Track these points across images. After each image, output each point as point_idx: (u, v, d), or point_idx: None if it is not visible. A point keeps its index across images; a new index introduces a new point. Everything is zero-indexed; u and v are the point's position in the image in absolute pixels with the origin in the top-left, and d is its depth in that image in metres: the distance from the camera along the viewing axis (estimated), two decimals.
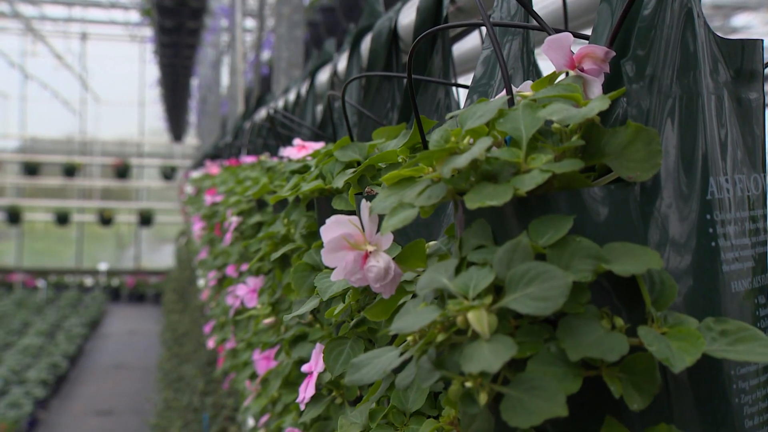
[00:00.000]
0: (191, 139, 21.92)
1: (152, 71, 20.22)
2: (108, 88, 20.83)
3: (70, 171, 19.93)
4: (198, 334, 5.29)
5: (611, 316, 0.58)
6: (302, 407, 1.14)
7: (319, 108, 2.39)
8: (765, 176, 0.70)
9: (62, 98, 19.74)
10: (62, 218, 19.76)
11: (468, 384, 0.57)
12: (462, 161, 0.60)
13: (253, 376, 1.95)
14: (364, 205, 0.70)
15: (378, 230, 0.71)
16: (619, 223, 0.60)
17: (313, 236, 1.25)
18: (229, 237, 2.01)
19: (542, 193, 0.60)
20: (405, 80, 1.53)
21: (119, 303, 18.13)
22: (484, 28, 1.20)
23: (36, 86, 19.39)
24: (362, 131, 1.66)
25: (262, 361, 1.85)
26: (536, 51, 0.95)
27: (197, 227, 4.09)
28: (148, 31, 18.65)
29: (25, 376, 9.49)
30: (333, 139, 1.49)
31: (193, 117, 20.15)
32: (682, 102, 0.63)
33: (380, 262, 0.69)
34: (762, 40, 0.71)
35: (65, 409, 9.54)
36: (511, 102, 0.66)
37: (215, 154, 6.76)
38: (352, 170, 1.12)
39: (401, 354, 0.62)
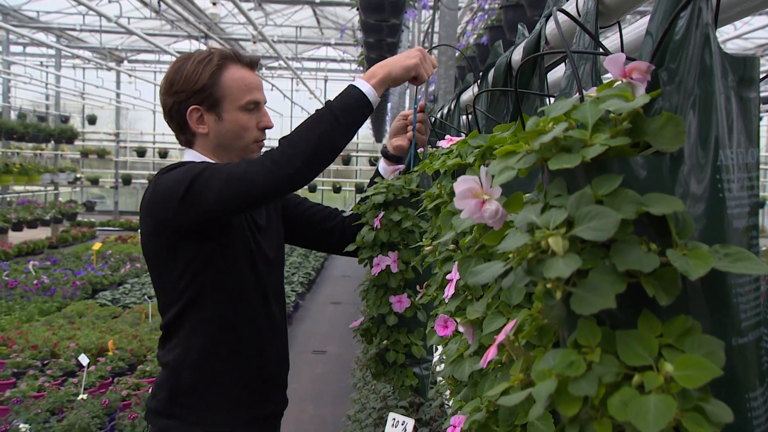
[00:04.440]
0: (385, 140, 22.12)
1: None
2: None
3: None
4: None
5: (648, 242, 0.52)
6: (446, 300, 1.11)
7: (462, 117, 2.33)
8: (758, 150, 0.63)
9: None
10: (311, 188, 20.28)
11: (548, 285, 0.53)
12: (546, 138, 0.55)
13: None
14: (482, 169, 0.66)
15: (491, 185, 0.67)
16: (654, 181, 0.54)
17: (454, 194, 1.20)
18: None
19: (602, 159, 0.55)
20: (515, 94, 1.46)
21: None
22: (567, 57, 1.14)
23: (298, 110, 19.98)
24: (489, 128, 1.60)
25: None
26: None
27: None
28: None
29: (291, 279, 9.78)
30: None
31: (387, 126, 20.31)
32: (701, 99, 0.57)
33: (492, 206, 0.65)
34: (758, 56, 0.63)
35: (313, 300, 9.83)
36: (581, 100, 0.60)
37: None
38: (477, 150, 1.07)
39: (505, 265, 0.59)
